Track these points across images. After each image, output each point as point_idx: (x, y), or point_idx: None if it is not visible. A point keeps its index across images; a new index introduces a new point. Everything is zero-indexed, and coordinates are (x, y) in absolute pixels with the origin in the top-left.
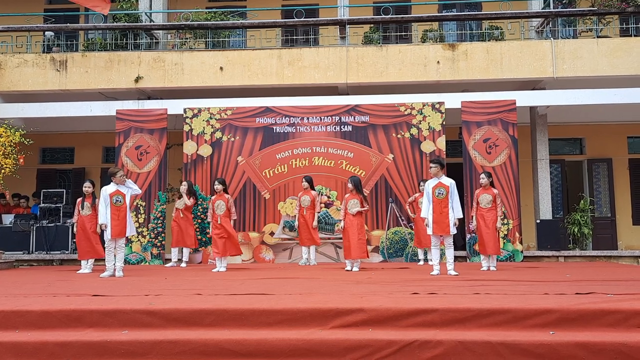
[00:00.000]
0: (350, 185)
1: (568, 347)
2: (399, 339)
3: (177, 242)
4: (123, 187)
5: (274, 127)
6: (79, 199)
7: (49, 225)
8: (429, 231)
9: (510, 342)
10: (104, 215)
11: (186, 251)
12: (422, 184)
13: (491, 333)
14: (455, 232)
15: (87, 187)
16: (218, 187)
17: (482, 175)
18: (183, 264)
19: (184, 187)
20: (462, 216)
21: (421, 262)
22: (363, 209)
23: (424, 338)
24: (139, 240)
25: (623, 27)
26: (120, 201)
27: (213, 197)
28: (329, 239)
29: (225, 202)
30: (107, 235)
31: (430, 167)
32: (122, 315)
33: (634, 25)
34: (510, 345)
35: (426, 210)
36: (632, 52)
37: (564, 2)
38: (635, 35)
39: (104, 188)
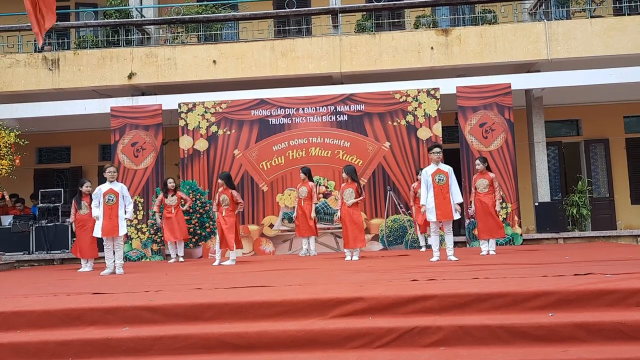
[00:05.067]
0: (344, 175)
1: (567, 328)
2: (399, 326)
3: (174, 236)
4: (117, 185)
5: (270, 119)
6: (74, 199)
7: (48, 225)
8: (431, 217)
9: (509, 325)
10: (97, 212)
11: (180, 245)
12: (420, 172)
13: (490, 317)
14: (458, 216)
15: (88, 186)
16: (220, 182)
17: (477, 161)
18: (181, 259)
19: (171, 184)
20: (462, 200)
21: (423, 249)
22: (358, 199)
23: (424, 324)
24: (138, 237)
25: (616, 7)
26: (112, 200)
27: (220, 190)
28: (328, 229)
29: (229, 197)
30: (97, 232)
31: (436, 153)
32: (122, 312)
33: (627, 4)
34: (509, 329)
35: (425, 197)
36: (626, 31)
37: None
38: (628, 14)
39: (98, 187)
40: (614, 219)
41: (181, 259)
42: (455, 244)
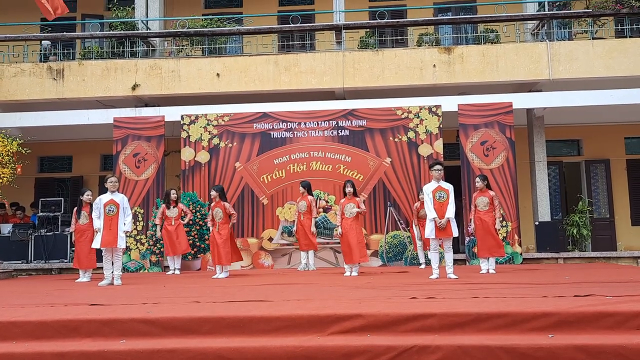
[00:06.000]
0: (350, 189)
1: (567, 350)
2: (398, 344)
3: (174, 251)
4: (118, 196)
5: (271, 133)
6: (75, 208)
7: (48, 234)
8: (430, 234)
9: (509, 346)
10: (97, 223)
11: (178, 258)
12: (421, 193)
13: (490, 337)
14: (457, 234)
15: (88, 195)
16: (213, 193)
17: (477, 179)
18: (177, 272)
19: (174, 195)
20: (452, 217)
21: (422, 266)
22: (361, 209)
23: (423, 343)
24: (137, 248)
25: (618, 29)
26: (112, 211)
27: (212, 205)
28: (327, 243)
29: (222, 210)
30: (96, 243)
31: (437, 170)
32: (119, 325)
33: (629, 27)
34: (509, 349)
35: (434, 212)
36: (627, 53)
37: (558, 4)
38: (630, 36)
39: (99, 197)
40: (614, 239)
41: (177, 272)
42: (455, 261)
